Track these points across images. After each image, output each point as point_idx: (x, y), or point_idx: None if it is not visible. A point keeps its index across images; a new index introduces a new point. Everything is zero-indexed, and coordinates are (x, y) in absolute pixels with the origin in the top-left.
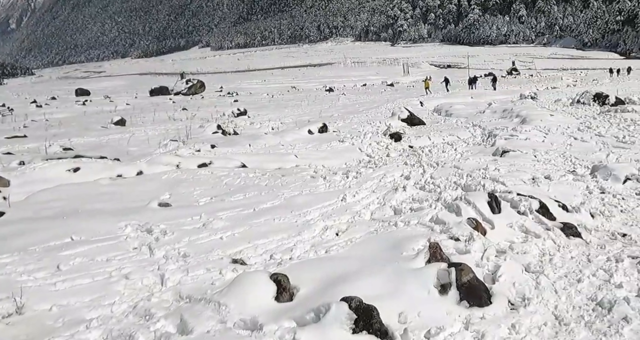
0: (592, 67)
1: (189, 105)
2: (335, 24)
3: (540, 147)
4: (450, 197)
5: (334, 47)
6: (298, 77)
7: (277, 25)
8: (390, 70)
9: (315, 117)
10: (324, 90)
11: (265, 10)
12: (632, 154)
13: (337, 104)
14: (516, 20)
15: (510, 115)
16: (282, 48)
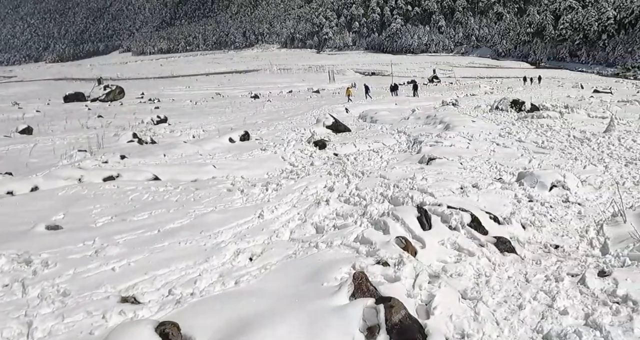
0: (507, 75)
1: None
2: (261, 30)
3: (465, 153)
4: (377, 211)
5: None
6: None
7: (202, 30)
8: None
9: (239, 125)
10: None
11: (190, 15)
12: (552, 159)
13: (262, 110)
14: (436, 31)
15: (434, 121)
16: (207, 54)
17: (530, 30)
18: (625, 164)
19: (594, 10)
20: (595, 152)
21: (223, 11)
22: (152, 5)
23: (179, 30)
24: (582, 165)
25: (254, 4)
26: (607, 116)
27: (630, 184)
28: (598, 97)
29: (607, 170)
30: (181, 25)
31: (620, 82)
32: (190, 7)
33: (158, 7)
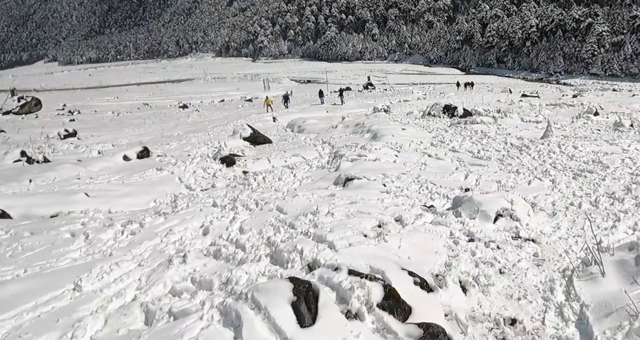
0: (439, 81)
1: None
2: (195, 39)
3: (391, 169)
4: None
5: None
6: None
7: (133, 39)
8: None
9: (156, 137)
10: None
11: (120, 23)
12: (490, 172)
13: (186, 121)
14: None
15: (362, 130)
16: (139, 63)
17: (460, 38)
18: (574, 177)
19: (518, 19)
20: (537, 162)
21: (155, 19)
22: (80, 13)
23: (109, 39)
24: (525, 180)
25: (187, 12)
26: (541, 120)
27: (587, 205)
28: (527, 101)
29: (555, 186)
30: (111, 34)
31: (545, 86)
32: (120, 15)
33: (86, 14)
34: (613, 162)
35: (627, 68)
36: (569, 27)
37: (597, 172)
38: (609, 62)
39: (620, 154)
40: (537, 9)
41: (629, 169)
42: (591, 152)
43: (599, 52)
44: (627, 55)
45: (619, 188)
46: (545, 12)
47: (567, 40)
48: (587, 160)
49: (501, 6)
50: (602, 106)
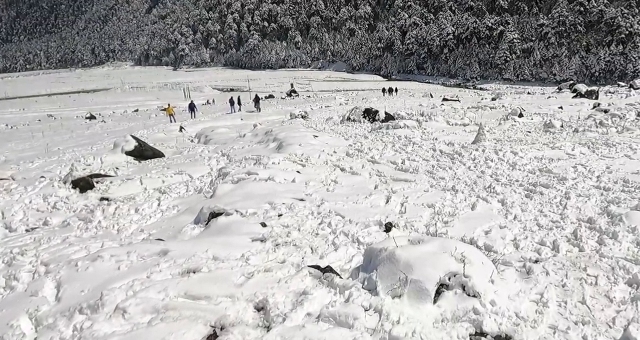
0: (362, 88)
1: None
2: (112, 47)
3: (285, 194)
4: None
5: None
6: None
7: (45, 47)
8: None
9: (39, 152)
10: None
11: (30, 31)
12: (419, 190)
13: (83, 133)
14: (293, 46)
15: (269, 139)
16: (50, 73)
17: (381, 45)
18: (527, 194)
19: (435, 27)
20: (474, 173)
21: (69, 27)
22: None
23: (17, 47)
24: (467, 202)
25: (103, 20)
26: (468, 123)
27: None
28: (449, 105)
29: (508, 210)
30: (19, 42)
31: (463, 91)
32: (29, 22)
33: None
34: (566, 172)
35: (536, 73)
36: (483, 34)
37: (554, 186)
38: (521, 67)
39: (568, 160)
40: (453, 17)
41: (589, 180)
42: (534, 159)
43: (511, 58)
44: (536, 61)
45: (594, 211)
46: (460, 20)
47: (482, 47)
48: (533, 169)
49: (419, 15)
50: (524, 108)
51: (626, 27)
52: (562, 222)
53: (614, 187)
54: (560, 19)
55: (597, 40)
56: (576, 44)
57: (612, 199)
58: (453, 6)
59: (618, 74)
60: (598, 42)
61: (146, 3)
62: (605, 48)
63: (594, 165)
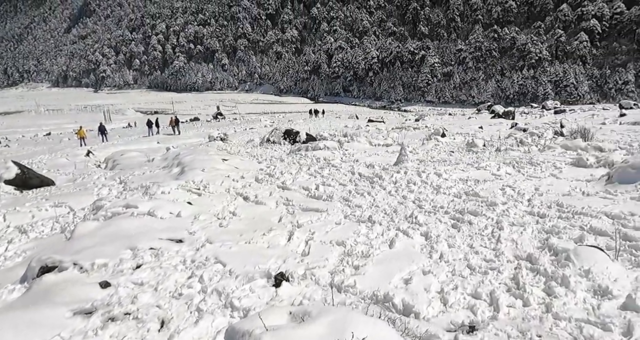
0: (289, 110)
1: None
2: (27, 67)
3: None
4: None
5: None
6: None
7: None
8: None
9: None
10: None
11: None
12: (331, 223)
13: None
14: (220, 68)
15: (174, 163)
16: None
17: (308, 68)
18: (453, 224)
19: (360, 51)
20: (395, 199)
21: None
22: None
23: None
24: (385, 236)
25: (18, 39)
26: (391, 143)
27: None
28: (374, 126)
29: (433, 246)
30: None
31: (388, 112)
32: None
33: None
34: (494, 195)
35: (457, 95)
36: (406, 58)
37: (484, 213)
38: (442, 90)
39: (494, 181)
40: (377, 41)
41: (521, 204)
42: (459, 181)
43: (432, 81)
44: (456, 84)
45: (532, 245)
46: (384, 45)
47: (405, 70)
48: (459, 192)
49: (345, 39)
50: (446, 128)
51: (536, 53)
52: (498, 260)
53: (549, 213)
54: (476, 44)
55: (510, 65)
56: (492, 68)
57: (551, 228)
58: (377, 31)
59: (530, 96)
60: (511, 67)
61: (65, 22)
62: (518, 72)
63: (522, 186)
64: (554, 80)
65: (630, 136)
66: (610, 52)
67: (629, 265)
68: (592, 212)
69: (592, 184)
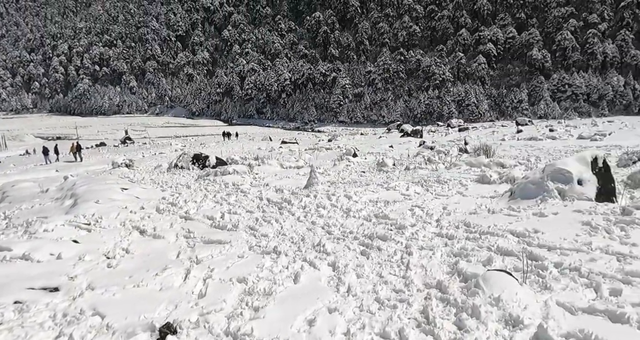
0: (202, 133)
1: None
2: None
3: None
4: None
5: None
6: None
7: None
8: None
9: None
10: None
11: None
12: (233, 256)
13: None
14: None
15: (67, 194)
16: None
17: (220, 91)
18: (362, 251)
19: (273, 73)
20: (304, 225)
21: None
22: None
23: None
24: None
25: None
26: (302, 165)
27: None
28: (287, 147)
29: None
30: None
31: (302, 133)
32: None
33: None
34: (403, 216)
35: (368, 115)
36: (318, 80)
37: (393, 238)
38: (353, 110)
39: (403, 201)
40: (290, 64)
41: (430, 226)
42: (369, 202)
43: (344, 102)
44: (367, 105)
45: (442, 270)
46: (296, 66)
47: (318, 92)
48: (369, 215)
49: (257, 61)
50: (358, 148)
51: (439, 74)
52: (407, 290)
53: (457, 234)
54: (385, 66)
55: (417, 86)
56: (400, 89)
57: (459, 250)
58: (289, 53)
59: (436, 115)
60: (418, 87)
61: None
62: (424, 92)
63: (430, 205)
64: (457, 99)
65: (527, 151)
66: (505, 73)
67: (537, 288)
68: (498, 231)
69: (496, 200)
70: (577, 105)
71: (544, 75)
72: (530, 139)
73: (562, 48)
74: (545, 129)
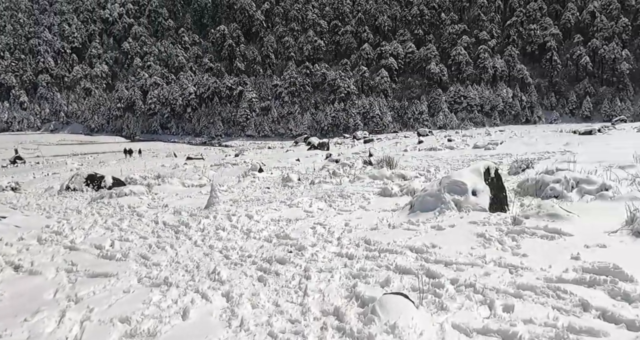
0: (102, 150)
1: None
2: None
3: None
4: None
5: None
6: None
7: None
8: None
9: None
10: None
11: None
12: (118, 293)
13: None
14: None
15: None
16: None
17: (122, 106)
18: (260, 278)
19: (177, 86)
20: (200, 250)
21: None
22: None
23: None
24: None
25: None
26: (205, 183)
27: None
28: (192, 164)
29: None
30: None
31: (209, 149)
32: None
33: None
34: (305, 236)
35: (275, 129)
36: (224, 94)
37: (292, 260)
38: (261, 124)
39: (306, 219)
40: (194, 77)
41: (330, 245)
42: (271, 221)
43: (251, 115)
44: (274, 118)
45: (340, 294)
46: (201, 80)
47: (224, 106)
48: (270, 235)
49: (160, 74)
50: (264, 163)
51: (344, 88)
52: (304, 320)
53: (357, 253)
54: (291, 80)
55: (323, 99)
56: (307, 102)
57: (358, 271)
58: (194, 67)
59: (342, 127)
60: (324, 100)
61: None
62: (331, 105)
63: (332, 222)
64: (362, 112)
65: (427, 162)
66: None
67: (433, 309)
68: (397, 248)
69: (397, 213)
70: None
71: (442, 88)
72: (431, 150)
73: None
74: (444, 139)
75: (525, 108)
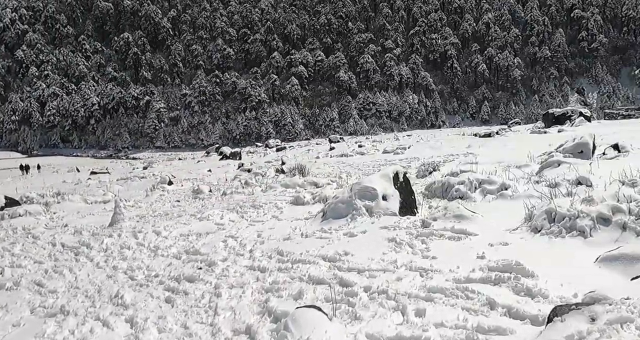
0: None
1: None
2: None
3: None
4: None
5: None
6: None
7: None
8: None
9: None
10: None
11: None
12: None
13: None
14: None
15: None
16: None
17: (16, 118)
18: (167, 298)
19: (78, 97)
20: (103, 272)
21: None
22: None
23: None
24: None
25: None
26: (109, 199)
27: None
28: (96, 179)
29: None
30: None
31: (115, 162)
32: None
33: None
34: (215, 250)
35: (186, 139)
36: (130, 104)
37: (202, 278)
38: (170, 135)
39: (217, 232)
40: (97, 87)
41: (242, 258)
42: (180, 237)
43: (160, 126)
44: (184, 128)
45: (252, 311)
46: (105, 90)
47: (130, 116)
48: (179, 251)
49: (59, 84)
50: (174, 175)
51: (255, 96)
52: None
53: (270, 265)
54: (200, 89)
55: (234, 108)
56: (217, 111)
57: (271, 285)
58: (96, 76)
59: (255, 136)
60: (235, 109)
61: None
62: (242, 114)
63: (244, 234)
64: (274, 120)
65: (340, 168)
66: (317, 94)
67: (347, 319)
68: (310, 258)
69: (310, 221)
70: (381, 122)
71: (351, 95)
72: (342, 156)
73: (365, 70)
74: (355, 145)
75: (430, 113)
